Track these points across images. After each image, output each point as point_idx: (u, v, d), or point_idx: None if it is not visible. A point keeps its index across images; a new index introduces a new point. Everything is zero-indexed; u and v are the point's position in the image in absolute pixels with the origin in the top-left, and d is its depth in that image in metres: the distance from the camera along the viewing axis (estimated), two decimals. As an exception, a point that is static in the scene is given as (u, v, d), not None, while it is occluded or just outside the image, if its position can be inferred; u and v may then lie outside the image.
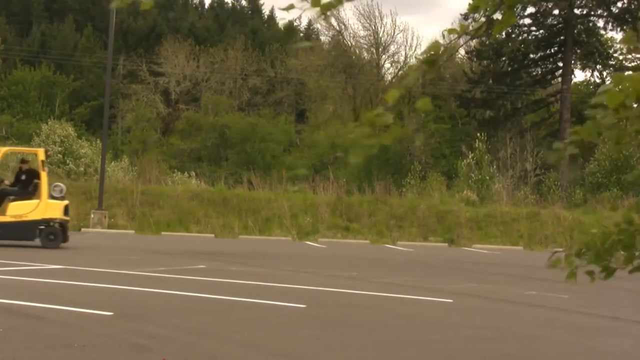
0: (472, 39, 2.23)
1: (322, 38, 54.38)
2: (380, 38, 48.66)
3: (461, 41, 2.34)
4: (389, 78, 51.19)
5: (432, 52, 2.18)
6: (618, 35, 44.42)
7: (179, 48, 46.87)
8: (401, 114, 44.16)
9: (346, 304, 10.23)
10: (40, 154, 16.81)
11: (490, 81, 43.63)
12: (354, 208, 26.93)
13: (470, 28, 2.37)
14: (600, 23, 43.73)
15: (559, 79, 44.28)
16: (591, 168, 36.68)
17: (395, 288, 12.05)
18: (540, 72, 45.76)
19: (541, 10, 42.79)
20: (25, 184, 16.70)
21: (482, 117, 44.81)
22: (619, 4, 42.73)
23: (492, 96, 43.57)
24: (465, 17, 45.22)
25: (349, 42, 49.99)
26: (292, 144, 43.75)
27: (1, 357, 6.13)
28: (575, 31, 42.83)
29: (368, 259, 18.40)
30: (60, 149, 30.28)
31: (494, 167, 34.25)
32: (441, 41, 2.26)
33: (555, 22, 43.68)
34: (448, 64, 51.44)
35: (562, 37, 43.32)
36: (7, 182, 17.07)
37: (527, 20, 43.54)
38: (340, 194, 27.91)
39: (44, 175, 16.44)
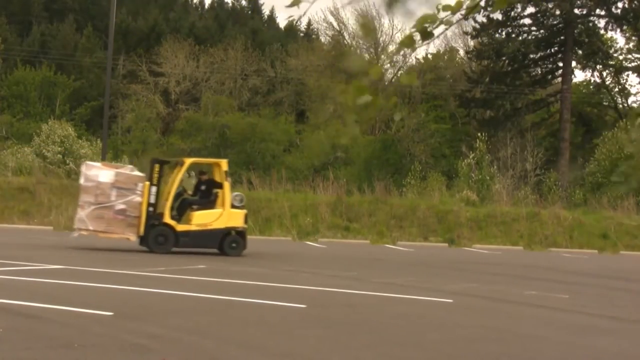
0: (465, 17, 2.20)
1: (322, 38, 54.41)
2: (380, 38, 48.68)
3: (455, 18, 2.30)
4: (388, 77, 51.24)
5: (427, 24, 2.15)
6: (618, 36, 44.48)
7: (179, 48, 46.86)
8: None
9: (346, 304, 10.23)
10: (223, 164, 17.17)
11: (490, 81, 43.63)
12: (354, 208, 26.92)
13: (467, 5, 2.34)
14: (601, 23, 43.76)
15: (559, 79, 44.28)
16: (591, 168, 36.70)
17: (395, 288, 12.06)
18: (540, 72, 45.75)
19: (541, 10, 42.79)
20: (205, 194, 17.13)
21: (482, 117, 44.81)
22: (619, 4, 42.74)
23: (492, 96, 43.57)
24: (466, 17, 45.26)
25: (348, 42, 50.02)
26: (292, 144, 43.74)
27: (1, 357, 6.13)
28: (576, 31, 42.83)
29: (368, 259, 18.40)
30: (60, 149, 30.28)
31: (494, 167, 34.25)
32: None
33: (555, 22, 43.68)
34: (448, 64, 51.56)
35: (562, 37, 43.31)
36: (189, 192, 17.45)
37: (527, 20, 43.56)
38: (340, 194, 27.90)
39: (226, 185, 16.90)
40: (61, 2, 56.77)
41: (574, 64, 43.95)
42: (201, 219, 16.67)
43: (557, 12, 43.06)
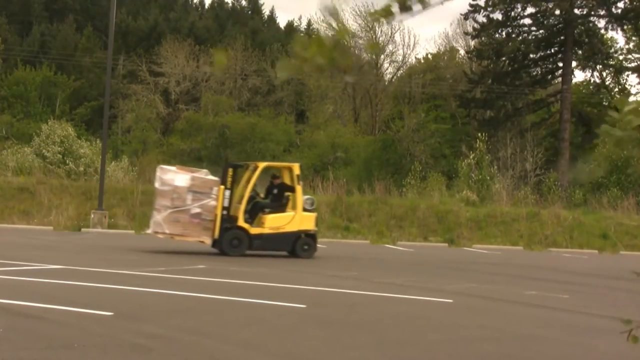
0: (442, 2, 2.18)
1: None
2: (379, 38, 48.69)
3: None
4: (388, 77, 51.25)
5: None
6: (618, 36, 44.47)
7: (179, 48, 46.87)
8: (401, 114, 44.21)
9: (346, 304, 10.23)
10: (295, 168, 17.41)
11: (491, 81, 43.63)
12: (354, 208, 26.92)
13: None
14: (601, 23, 43.77)
15: (559, 79, 44.28)
16: (591, 168, 36.71)
17: (395, 288, 12.06)
18: (540, 72, 45.77)
19: (541, 10, 42.80)
20: (277, 198, 17.39)
21: (483, 117, 44.82)
22: (620, 4, 42.75)
23: (492, 96, 43.58)
24: (466, 17, 45.30)
25: (348, 42, 50.00)
26: (292, 144, 43.75)
27: (1, 357, 6.13)
28: (576, 31, 42.84)
29: (368, 259, 18.40)
30: (60, 149, 30.28)
31: (494, 167, 34.25)
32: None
33: (555, 22, 43.69)
34: (449, 64, 51.56)
35: (562, 37, 43.32)
36: (261, 195, 17.69)
37: (527, 20, 43.58)
38: (340, 194, 27.90)
39: (299, 189, 17.16)
40: (61, 2, 56.77)
41: (574, 64, 43.96)
42: (274, 222, 16.98)
43: (557, 12, 43.07)
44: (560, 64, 43.87)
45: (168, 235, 16.67)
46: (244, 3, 65.48)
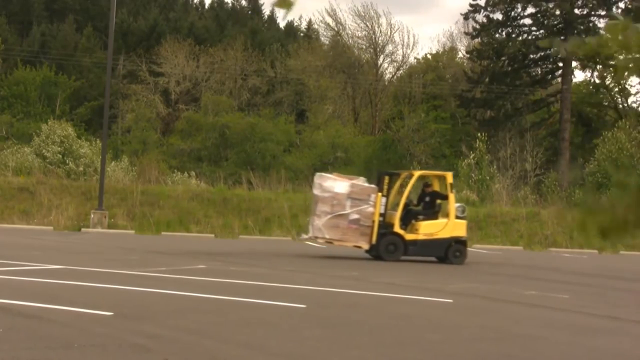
0: None
1: (322, 39, 54.42)
2: (378, 38, 48.69)
3: None
4: (388, 77, 51.25)
5: None
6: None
7: (179, 48, 46.85)
8: (401, 114, 44.21)
9: (346, 304, 10.23)
10: (449, 177, 17.92)
11: (490, 81, 43.63)
12: (354, 208, 26.88)
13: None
14: (601, 23, 43.74)
15: (559, 79, 44.28)
16: (591, 168, 36.69)
17: (395, 288, 12.06)
18: (540, 72, 45.77)
19: (541, 10, 42.80)
20: (429, 205, 17.96)
21: (483, 117, 44.82)
22: (620, 4, 42.75)
23: (492, 96, 43.58)
24: (466, 17, 45.32)
25: (347, 43, 50.02)
26: (292, 144, 43.74)
27: (1, 357, 6.13)
28: (576, 31, 42.82)
29: (368, 259, 18.40)
30: (59, 149, 30.28)
31: (494, 167, 34.25)
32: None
33: (555, 22, 43.69)
34: (448, 64, 51.56)
35: (562, 37, 43.32)
36: (414, 202, 18.27)
37: (528, 20, 43.58)
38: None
39: (451, 197, 17.70)
40: (61, 2, 56.76)
41: (574, 64, 43.96)
42: (428, 229, 17.49)
43: (557, 12, 43.07)
44: (560, 64, 43.87)
45: (327, 240, 17.36)
46: (243, 3, 65.49)
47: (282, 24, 59.73)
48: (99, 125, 37.46)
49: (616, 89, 48.50)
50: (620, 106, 48.42)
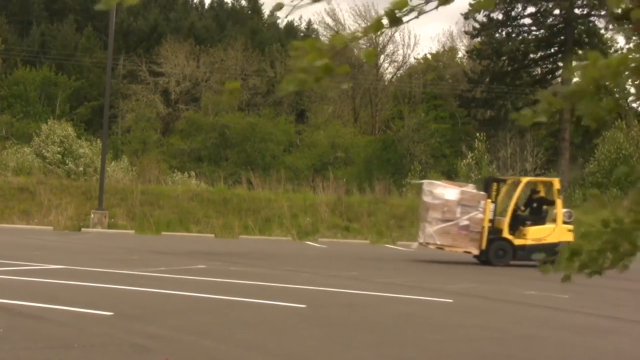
0: (436, 7, 2.21)
1: (322, 39, 54.41)
2: (378, 38, 48.64)
3: (427, 8, 2.33)
4: (388, 77, 51.25)
5: (397, 10, 2.20)
6: (618, 36, 44.41)
7: (179, 48, 46.83)
8: (401, 114, 44.22)
9: (346, 304, 10.23)
10: (556, 183, 18.45)
11: (491, 81, 43.62)
12: (354, 208, 26.92)
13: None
14: (601, 23, 43.73)
15: (559, 79, 44.26)
16: (591, 168, 36.69)
17: (395, 288, 12.05)
18: (540, 72, 45.76)
19: (541, 10, 42.79)
20: (536, 211, 18.39)
21: (483, 116, 44.80)
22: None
23: (492, 96, 43.56)
24: (466, 16, 45.31)
25: (347, 42, 49.98)
26: (292, 143, 43.74)
27: (1, 357, 6.13)
28: (576, 31, 42.82)
29: (368, 259, 18.41)
30: (59, 149, 30.27)
31: (494, 167, 34.23)
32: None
33: (555, 22, 43.68)
34: (449, 64, 51.57)
35: (562, 37, 43.31)
36: (522, 208, 18.65)
37: (527, 20, 43.56)
38: (340, 194, 27.90)
39: (559, 202, 18.10)
40: (61, 2, 56.73)
41: (574, 63, 43.90)
42: (536, 234, 17.76)
43: (557, 12, 43.06)
44: (561, 64, 43.85)
45: (439, 246, 17.65)
46: (243, 3, 65.47)
47: (267, 19, 59.59)
48: (99, 125, 37.45)
49: (616, 89, 48.45)
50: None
